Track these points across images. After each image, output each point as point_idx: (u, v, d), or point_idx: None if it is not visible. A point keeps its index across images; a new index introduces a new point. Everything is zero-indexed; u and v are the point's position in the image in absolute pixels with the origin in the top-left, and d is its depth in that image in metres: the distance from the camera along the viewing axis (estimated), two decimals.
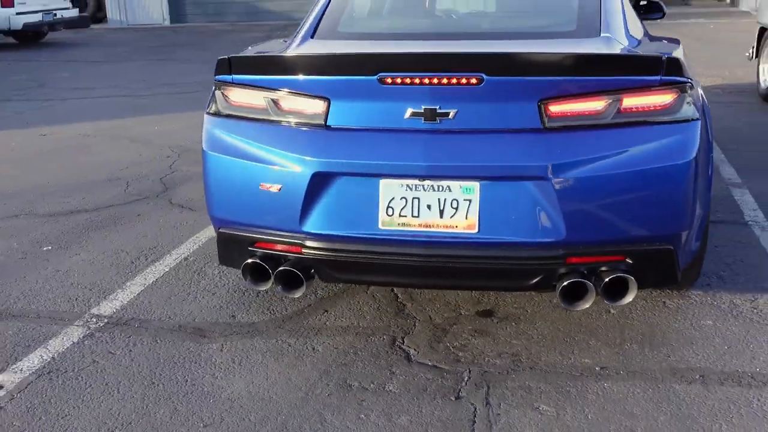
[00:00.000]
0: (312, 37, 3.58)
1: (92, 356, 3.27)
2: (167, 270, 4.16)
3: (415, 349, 3.21)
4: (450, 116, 2.81)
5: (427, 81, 2.79)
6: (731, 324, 3.29)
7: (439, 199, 2.84)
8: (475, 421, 2.70)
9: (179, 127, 7.79)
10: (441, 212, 2.84)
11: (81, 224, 4.95)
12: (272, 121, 3.07)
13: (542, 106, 2.77)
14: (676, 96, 2.79)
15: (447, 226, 2.85)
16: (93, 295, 3.89)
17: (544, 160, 2.74)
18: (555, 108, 2.77)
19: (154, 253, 4.42)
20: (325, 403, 2.85)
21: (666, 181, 2.78)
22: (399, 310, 3.55)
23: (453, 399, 2.84)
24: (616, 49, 3.14)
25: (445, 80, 2.78)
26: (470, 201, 2.81)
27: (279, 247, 3.08)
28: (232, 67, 3.11)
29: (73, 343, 3.40)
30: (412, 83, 2.81)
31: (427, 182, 2.85)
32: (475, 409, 2.77)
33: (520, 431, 2.64)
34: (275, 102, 3.06)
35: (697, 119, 2.84)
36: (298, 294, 3.10)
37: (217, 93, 3.22)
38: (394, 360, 3.13)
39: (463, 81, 2.77)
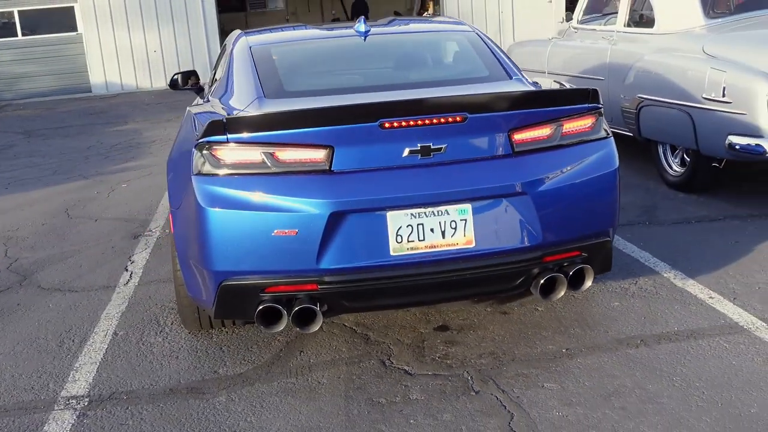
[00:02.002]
0: (265, 97, 3.86)
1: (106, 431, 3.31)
2: (107, 346, 4.16)
3: (407, 365, 3.67)
4: (441, 150, 3.34)
5: (421, 122, 3.31)
6: (633, 302, 4.18)
7: (440, 222, 3.34)
8: (505, 406, 3.25)
9: None
10: (443, 233, 3.34)
11: None
12: (276, 173, 3.32)
13: (511, 135, 3.42)
14: (595, 119, 3.59)
15: (449, 245, 3.35)
16: (49, 380, 3.82)
17: (517, 179, 3.37)
18: (519, 136, 3.43)
19: (75, 335, 4.36)
20: (372, 420, 3.23)
21: (603, 186, 3.57)
22: (366, 340, 3.98)
23: (474, 394, 3.37)
24: (536, 87, 3.92)
25: (435, 120, 3.32)
26: (466, 220, 3.36)
27: (293, 287, 3.36)
28: (227, 128, 3.32)
29: (73, 424, 3.40)
30: (408, 125, 3.31)
31: (428, 209, 3.32)
32: (497, 397, 3.33)
33: (545, 404, 3.24)
34: (274, 155, 3.32)
35: (611, 136, 3.69)
36: (314, 328, 3.41)
37: (206, 154, 3.38)
38: (397, 377, 3.57)
39: (450, 120, 3.33)
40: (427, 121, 3.31)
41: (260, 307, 3.37)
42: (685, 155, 6.07)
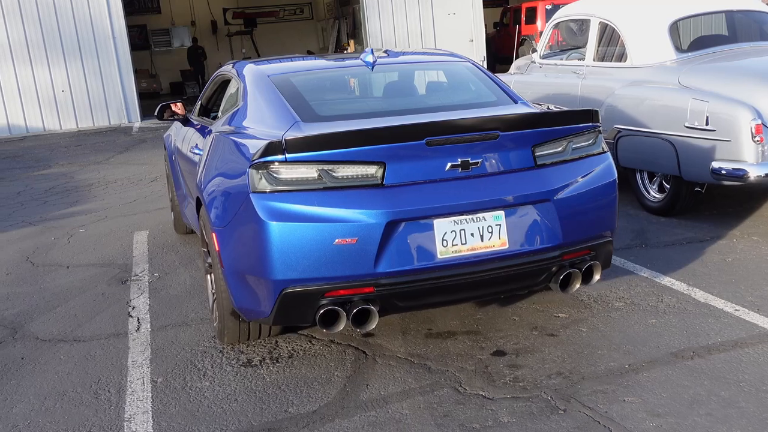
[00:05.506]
0: (302, 121, 4.21)
1: None
2: (151, 395, 4.07)
3: (482, 390, 3.82)
4: (477, 164, 3.83)
5: (462, 139, 3.79)
6: (667, 318, 4.49)
7: (478, 227, 3.82)
8: (598, 422, 3.44)
9: None
10: (481, 237, 3.82)
11: None
12: (332, 188, 3.70)
13: (533, 150, 3.93)
14: (596, 135, 4.19)
15: (487, 247, 3.83)
16: None
17: (541, 187, 3.90)
18: (539, 151, 3.97)
19: (108, 385, 4.25)
20: None
21: (607, 193, 4.14)
22: (428, 369, 4.09)
23: (562, 412, 3.54)
24: (541, 109, 4.43)
25: (473, 137, 3.80)
26: (500, 225, 3.84)
27: (352, 291, 3.73)
28: (287, 147, 3.66)
29: None
30: (451, 142, 3.77)
31: (469, 216, 3.79)
32: (585, 414, 3.51)
33: (635, 416, 3.46)
34: (331, 172, 3.70)
35: (608, 151, 4.27)
36: (370, 327, 3.80)
37: (263, 173, 3.73)
38: (478, 402, 3.71)
39: (486, 137, 3.82)
40: (467, 138, 3.79)
41: (321, 311, 3.74)
42: (663, 182, 6.50)
